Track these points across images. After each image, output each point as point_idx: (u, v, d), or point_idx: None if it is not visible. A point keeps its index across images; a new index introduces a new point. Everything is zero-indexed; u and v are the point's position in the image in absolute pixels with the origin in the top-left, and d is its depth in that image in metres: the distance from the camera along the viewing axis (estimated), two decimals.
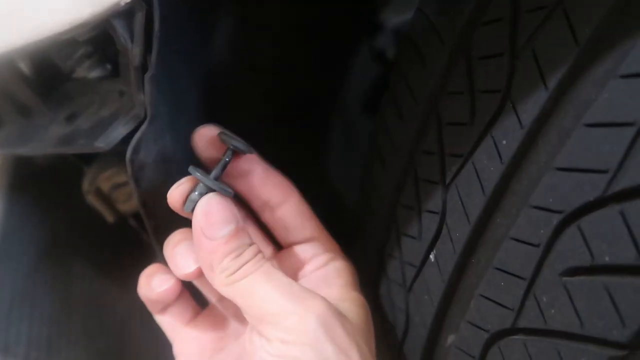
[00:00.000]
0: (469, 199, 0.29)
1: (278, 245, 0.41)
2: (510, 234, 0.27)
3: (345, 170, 0.82)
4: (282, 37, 0.63)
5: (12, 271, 0.66)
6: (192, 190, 0.35)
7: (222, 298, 0.39)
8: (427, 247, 0.33)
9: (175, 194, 0.35)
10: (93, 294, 0.73)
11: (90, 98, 0.42)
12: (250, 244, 0.33)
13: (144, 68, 0.35)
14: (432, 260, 0.32)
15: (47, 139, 0.40)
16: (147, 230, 0.43)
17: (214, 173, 0.35)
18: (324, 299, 0.32)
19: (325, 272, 0.38)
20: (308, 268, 0.38)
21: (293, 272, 0.38)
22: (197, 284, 0.42)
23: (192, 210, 0.34)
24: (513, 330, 0.27)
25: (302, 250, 0.39)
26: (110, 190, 0.52)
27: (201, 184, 0.35)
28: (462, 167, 0.29)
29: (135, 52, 0.33)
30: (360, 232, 0.44)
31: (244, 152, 0.36)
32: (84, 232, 0.74)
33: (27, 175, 0.69)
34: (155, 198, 0.40)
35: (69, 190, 0.68)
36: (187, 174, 0.44)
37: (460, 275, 0.31)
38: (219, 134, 0.36)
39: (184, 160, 0.45)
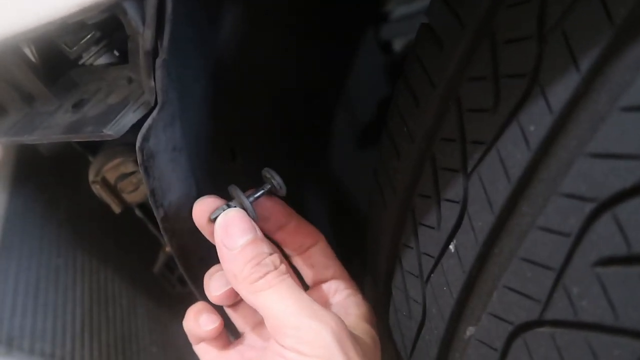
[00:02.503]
0: (492, 187, 0.28)
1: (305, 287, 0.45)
2: (538, 223, 0.26)
3: (351, 163, 0.81)
4: (288, 27, 0.62)
5: (15, 263, 0.66)
6: (219, 207, 0.38)
7: (253, 327, 0.43)
8: (446, 237, 0.32)
9: (201, 207, 0.39)
10: (97, 285, 0.72)
11: (97, 85, 0.41)
12: (271, 254, 0.36)
13: (154, 53, 0.34)
14: (452, 250, 0.32)
15: (54, 127, 0.39)
16: (155, 220, 0.43)
17: (250, 196, 0.39)
18: (340, 318, 0.35)
19: (345, 304, 0.42)
20: (330, 301, 0.43)
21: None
22: (231, 315, 0.45)
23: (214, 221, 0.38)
24: (540, 322, 0.26)
25: (326, 287, 0.43)
26: (117, 180, 0.51)
27: (225, 205, 0.38)
28: (485, 154, 0.29)
29: (146, 35, 0.32)
30: (373, 222, 0.43)
31: (279, 190, 0.41)
32: (88, 223, 0.73)
33: (30, 166, 0.69)
34: (164, 187, 0.39)
35: (72, 181, 0.67)
36: (194, 163, 0.44)
37: (482, 265, 0.30)
38: (263, 170, 0.41)
39: (192, 150, 0.44)
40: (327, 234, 0.76)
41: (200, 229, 0.39)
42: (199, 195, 0.45)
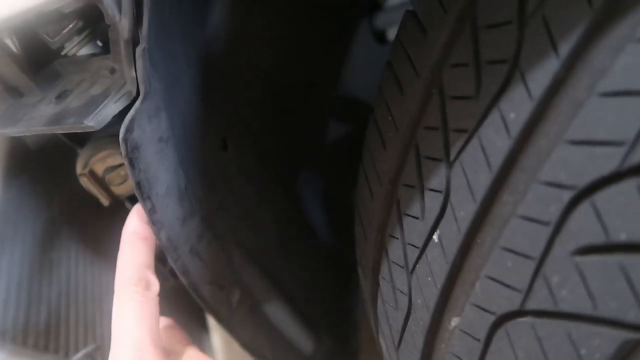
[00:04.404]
0: (474, 176, 0.28)
1: None
2: (518, 211, 0.25)
3: (346, 154, 0.80)
4: (281, 15, 0.61)
5: (8, 257, 0.65)
6: None
7: None
8: (430, 227, 0.31)
9: None
10: (92, 278, 0.72)
11: (80, 76, 0.40)
12: None
13: (134, 42, 0.34)
14: (436, 240, 0.31)
15: (37, 118, 0.38)
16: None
17: None
18: None
19: None
20: None
21: None
22: None
23: None
24: (521, 313, 0.26)
25: None
26: (105, 172, 0.50)
27: None
28: (467, 142, 0.28)
29: (124, 24, 0.31)
30: (361, 213, 0.42)
31: None
32: (82, 216, 0.73)
33: (23, 158, 0.68)
34: (150, 179, 0.39)
35: (65, 174, 0.67)
36: (183, 153, 0.43)
37: (465, 256, 0.29)
38: None
39: (180, 140, 0.43)
40: (323, 225, 0.75)
41: None
42: (188, 185, 0.45)
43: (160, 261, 0.68)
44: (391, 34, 0.89)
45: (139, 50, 0.33)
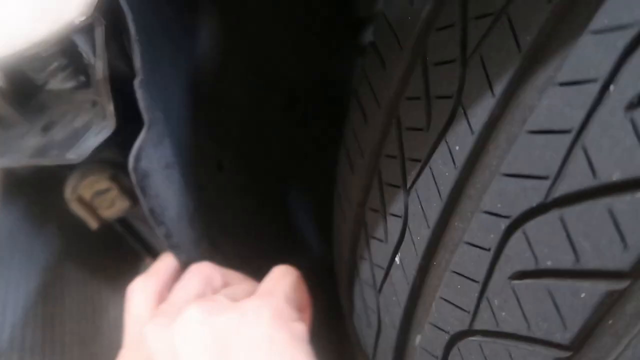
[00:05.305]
0: (427, 203, 0.29)
1: None
2: (465, 238, 0.27)
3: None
4: (268, 31, 0.63)
5: (5, 278, 0.67)
6: None
7: None
8: (392, 250, 0.33)
9: None
10: (85, 298, 0.74)
11: (65, 108, 0.42)
12: None
13: (112, 79, 0.35)
14: (398, 262, 0.33)
15: (23, 150, 0.40)
16: (135, 234, 0.44)
17: None
18: None
19: None
20: None
21: None
22: None
23: None
24: (470, 332, 0.27)
25: None
26: (93, 197, 0.52)
27: None
28: (420, 171, 0.30)
29: (98, 66, 0.33)
30: (336, 234, 0.44)
31: None
32: (74, 237, 0.74)
33: (16, 184, 0.70)
34: (162, 204, 0.40)
35: (58, 197, 0.69)
36: (189, 177, 0.45)
37: (423, 277, 0.31)
38: None
39: (184, 164, 0.45)
40: (316, 237, 0.77)
41: None
42: (197, 208, 0.46)
43: None
44: None
45: (137, 82, 0.35)
